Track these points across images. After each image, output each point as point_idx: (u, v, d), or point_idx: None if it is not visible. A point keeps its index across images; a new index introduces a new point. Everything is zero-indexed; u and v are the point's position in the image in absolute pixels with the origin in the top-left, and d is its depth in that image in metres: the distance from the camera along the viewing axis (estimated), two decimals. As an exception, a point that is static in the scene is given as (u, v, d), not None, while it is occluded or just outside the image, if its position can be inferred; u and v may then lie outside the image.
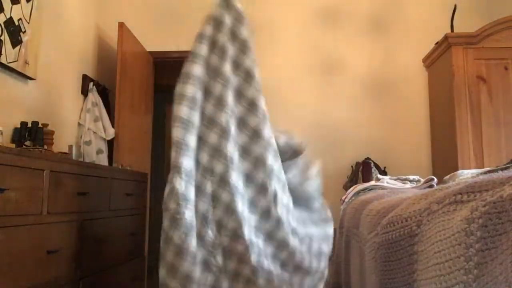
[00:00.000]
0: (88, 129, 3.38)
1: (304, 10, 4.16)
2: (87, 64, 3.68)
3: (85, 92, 3.54)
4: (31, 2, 2.75)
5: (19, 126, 2.55)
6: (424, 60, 3.99)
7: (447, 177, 2.15)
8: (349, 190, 2.58)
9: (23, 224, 1.79)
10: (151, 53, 4.08)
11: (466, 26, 3.67)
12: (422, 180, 2.39)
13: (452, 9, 3.75)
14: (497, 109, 3.36)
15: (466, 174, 2.02)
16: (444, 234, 0.87)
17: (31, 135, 2.56)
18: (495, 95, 3.37)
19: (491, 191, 0.80)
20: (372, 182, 2.58)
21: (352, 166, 3.86)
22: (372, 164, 3.74)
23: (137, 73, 3.84)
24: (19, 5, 2.63)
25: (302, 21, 4.15)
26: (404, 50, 4.06)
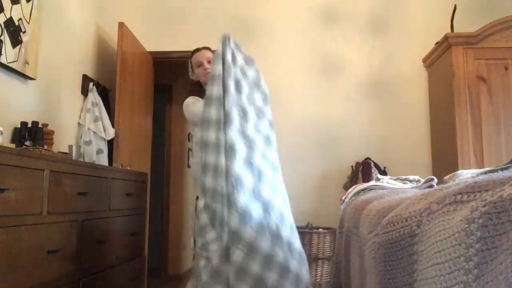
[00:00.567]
0: (88, 129, 3.38)
1: (304, 10, 4.16)
2: (87, 64, 3.68)
3: (85, 92, 3.54)
4: (31, 2, 2.75)
5: (19, 126, 2.55)
6: (424, 60, 3.99)
7: (447, 177, 2.14)
8: (349, 190, 2.58)
9: (23, 224, 1.79)
10: (151, 53, 4.08)
11: (466, 26, 3.67)
12: (422, 180, 2.39)
13: (452, 9, 3.75)
14: (497, 109, 3.36)
15: (466, 174, 2.02)
16: (444, 234, 0.87)
17: (31, 135, 2.55)
18: (495, 95, 3.37)
19: (491, 191, 0.80)
20: (372, 182, 2.58)
21: (352, 166, 3.86)
22: (372, 164, 3.73)
23: (137, 73, 3.84)
24: (19, 5, 2.63)
25: (302, 21, 4.15)
26: (404, 50, 4.06)
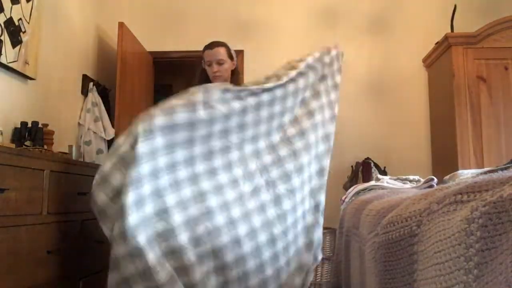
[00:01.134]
0: (88, 129, 3.38)
1: (304, 10, 4.16)
2: (87, 64, 3.68)
3: (85, 92, 3.54)
4: (31, 2, 2.75)
5: (19, 126, 2.55)
6: (424, 60, 3.99)
7: (447, 177, 2.15)
8: (349, 190, 2.58)
9: (23, 224, 1.79)
10: (151, 53, 4.08)
11: (466, 26, 3.67)
12: (422, 180, 2.39)
13: (452, 9, 3.75)
14: (497, 109, 3.36)
15: (466, 174, 2.02)
16: (444, 234, 0.87)
17: (31, 135, 2.55)
18: (495, 95, 3.37)
19: (491, 191, 0.80)
20: (372, 182, 2.58)
21: (352, 166, 3.85)
22: (372, 164, 3.73)
23: (137, 73, 3.84)
24: (19, 5, 2.63)
25: (302, 21, 4.15)
26: (404, 50, 4.05)
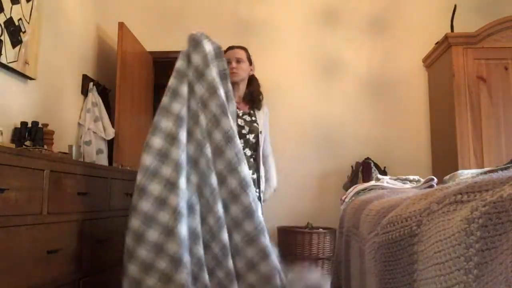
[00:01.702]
0: (88, 129, 3.38)
1: (304, 10, 4.16)
2: (87, 64, 3.68)
3: (85, 92, 3.54)
4: (31, 2, 2.75)
5: (19, 126, 2.55)
6: (424, 60, 3.99)
7: (447, 177, 2.14)
8: (349, 190, 2.58)
9: (23, 224, 1.79)
10: (151, 53, 4.08)
11: (466, 26, 3.67)
12: (422, 180, 2.39)
13: (452, 9, 3.76)
14: (497, 109, 3.36)
15: (466, 174, 2.02)
16: (444, 234, 0.87)
17: (31, 135, 2.55)
18: (495, 95, 3.37)
19: (491, 191, 0.80)
20: (372, 182, 2.58)
21: (352, 166, 3.86)
22: (372, 164, 3.74)
23: (137, 73, 3.84)
24: (19, 5, 2.63)
25: (302, 21, 4.15)
26: (404, 50, 4.06)
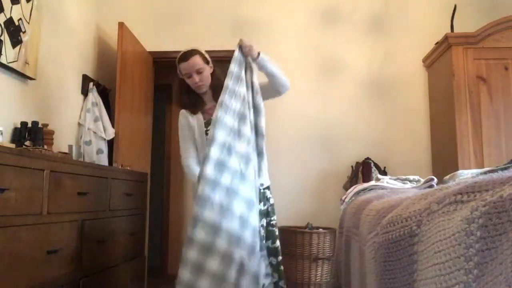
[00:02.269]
0: (88, 129, 3.38)
1: (304, 10, 4.16)
2: (87, 64, 3.68)
3: (85, 92, 3.54)
4: (31, 2, 2.75)
5: (19, 126, 2.55)
6: (424, 60, 3.99)
7: (447, 177, 2.14)
8: (349, 190, 2.57)
9: (23, 224, 1.79)
10: (151, 53, 4.08)
11: (466, 26, 3.67)
12: (422, 180, 2.39)
13: (452, 9, 3.76)
14: (497, 109, 3.36)
15: (466, 174, 2.01)
16: (444, 234, 0.87)
17: (31, 135, 2.55)
18: (495, 95, 3.37)
19: (491, 191, 0.80)
20: (372, 182, 2.57)
21: (352, 166, 3.86)
22: (372, 164, 3.74)
23: (137, 73, 3.84)
24: (19, 5, 2.63)
25: (302, 21, 4.15)
26: (404, 50, 4.05)
